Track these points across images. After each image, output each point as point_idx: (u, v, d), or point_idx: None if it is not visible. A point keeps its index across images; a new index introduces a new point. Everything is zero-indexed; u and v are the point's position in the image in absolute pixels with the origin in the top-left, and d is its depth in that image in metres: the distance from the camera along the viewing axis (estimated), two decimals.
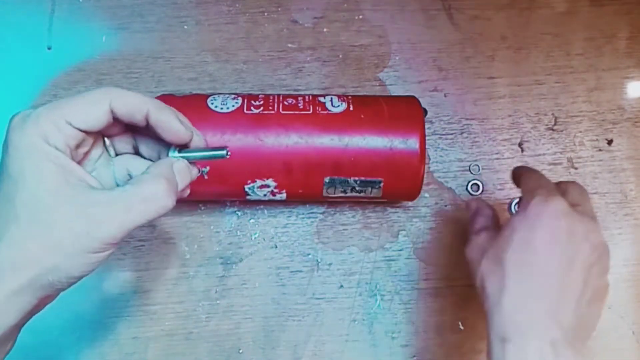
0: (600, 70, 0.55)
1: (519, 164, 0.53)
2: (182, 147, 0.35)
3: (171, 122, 0.33)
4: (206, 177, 0.44)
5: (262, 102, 0.46)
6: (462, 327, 0.51)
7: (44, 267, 0.29)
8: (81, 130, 0.31)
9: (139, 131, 0.35)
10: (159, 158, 0.36)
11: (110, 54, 0.54)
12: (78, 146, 0.32)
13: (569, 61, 0.55)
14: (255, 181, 0.45)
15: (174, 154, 0.34)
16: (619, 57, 0.56)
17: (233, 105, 0.45)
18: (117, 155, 0.36)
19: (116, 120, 0.33)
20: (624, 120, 0.55)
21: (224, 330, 0.50)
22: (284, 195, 0.46)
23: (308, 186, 0.45)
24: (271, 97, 0.46)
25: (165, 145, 0.35)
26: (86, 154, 0.34)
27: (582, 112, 0.55)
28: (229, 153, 0.35)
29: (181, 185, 0.34)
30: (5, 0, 0.54)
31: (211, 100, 0.46)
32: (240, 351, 0.50)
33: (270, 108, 0.45)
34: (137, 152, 0.37)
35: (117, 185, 0.35)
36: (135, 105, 0.32)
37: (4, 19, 0.54)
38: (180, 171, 0.34)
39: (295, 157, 0.44)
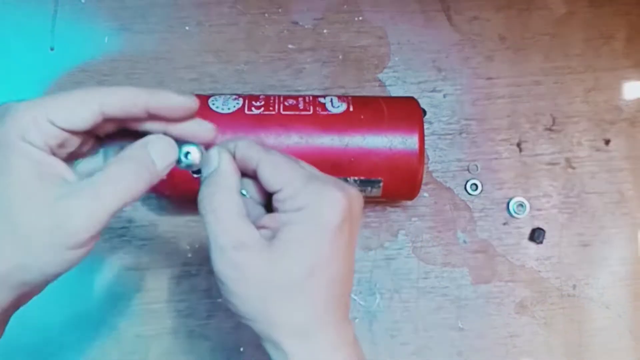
0: (599, 71, 0.56)
1: (518, 164, 0.54)
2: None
3: (170, 99, 0.31)
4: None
5: (262, 103, 0.46)
6: (461, 326, 0.52)
7: (13, 265, 0.28)
8: (65, 130, 0.29)
9: (134, 126, 0.32)
10: None
11: (112, 55, 0.54)
12: (61, 145, 0.29)
13: (568, 62, 0.56)
14: None
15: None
16: (617, 58, 0.56)
17: (234, 106, 0.46)
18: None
19: (109, 119, 0.30)
20: (622, 121, 0.55)
21: (225, 329, 0.51)
22: None
23: None
24: (272, 98, 0.47)
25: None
26: (72, 154, 0.31)
27: (580, 112, 0.55)
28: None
29: (161, 164, 0.31)
30: (8, 1, 0.54)
31: (212, 100, 0.46)
32: (242, 349, 0.50)
33: (271, 109, 0.46)
34: None
35: None
36: (129, 98, 0.30)
37: (6, 20, 0.54)
38: (159, 150, 0.31)
39: (295, 157, 0.44)
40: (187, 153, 0.32)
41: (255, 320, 0.31)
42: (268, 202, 0.34)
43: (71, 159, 0.31)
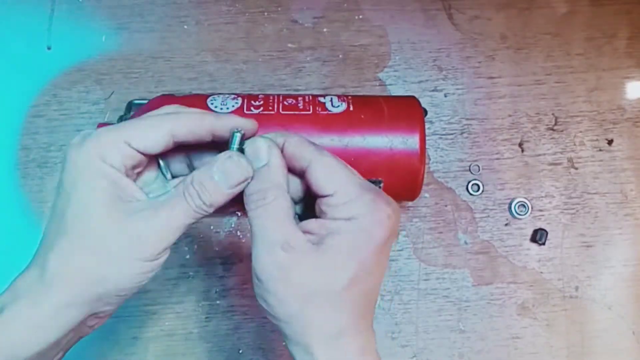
0: (601, 70, 0.55)
1: (519, 164, 0.54)
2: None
3: (236, 121, 0.33)
4: None
5: (262, 102, 0.45)
6: (462, 328, 0.51)
7: (93, 279, 0.30)
8: (139, 152, 0.31)
9: (192, 147, 0.34)
10: None
11: (110, 54, 0.54)
12: (134, 167, 0.32)
13: (569, 61, 0.55)
14: None
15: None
16: (619, 57, 0.56)
17: (233, 106, 0.45)
18: (172, 177, 0.35)
19: (178, 142, 0.32)
20: (624, 120, 0.55)
21: (223, 331, 0.50)
22: None
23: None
24: (271, 97, 0.46)
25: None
26: (139, 174, 0.33)
27: (582, 112, 0.55)
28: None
29: (231, 182, 0.32)
30: (5, 0, 0.54)
31: (211, 100, 0.46)
32: (240, 351, 0.50)
33: (270, 108, 0.45)
34: (192, 169, 0.35)
35: None
36: (197, 124, 0.32)
37: (3, 19, 0.54)
38: (225, 170, 0.32)
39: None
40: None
41: (288, 322, 0.31)
42: (307, 203, 0.34)
43: (137, 181, 0.33)
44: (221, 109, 0.45)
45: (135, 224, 0.30)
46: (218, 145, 0.33)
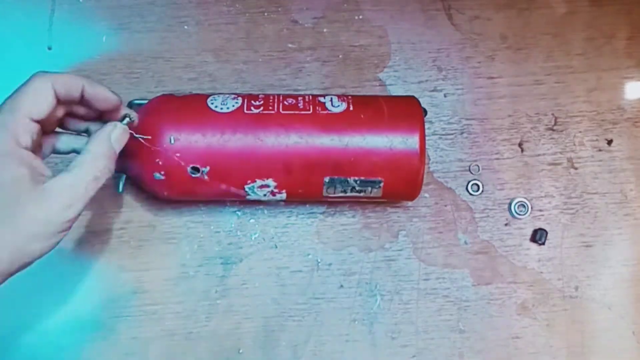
0: (600, 71, 0.55)
1: (519, 164, 0.54)
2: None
3: (105, 92, 0.40)
4: (206, 177, 0.44)
5: (262, 102, 0.46)
6: (462, 328, 0.51)
7: (10, 251, 0.34)
8: (38, 122, 0.36)
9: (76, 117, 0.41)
10: (85, 131, 0.42)
11: (110, 54, 0.54)
12: (36, 142, 0.36)
13: (569, 61, 0.55)
14: (255, 181, 0.45)
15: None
16: (619, 57, 0.56)
17: (233, 105, 0.45)
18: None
19: (59, 103, 0.38)
20: (624, 121, 0.55)
21: (224, 330, 0.50)
22: (283, 195, 0.46)
23: (308, 186, 0.46)
24: (271, 97, 0.46)
25: (92, 118, 0.42)
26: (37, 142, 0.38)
27: (582, 112, 0.55)
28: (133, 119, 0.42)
29: (118, 149, 0.39)
30: (5, 0, 0.54)
31: (211, 100, 0.46)
32: (241, 351, 0.50)
33: (270, 108, 0.45)
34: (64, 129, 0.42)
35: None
36: (73, 83, 0.38)
37: (4, 19, 0.54)
38: (118, 138, 0.39)
39: (295, 157, 0.44)
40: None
41: None
42: None
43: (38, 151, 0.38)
44: (221, 108, 0.45)
45: (49, 202, 0.35)
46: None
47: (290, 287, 0.51)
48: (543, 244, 0.52)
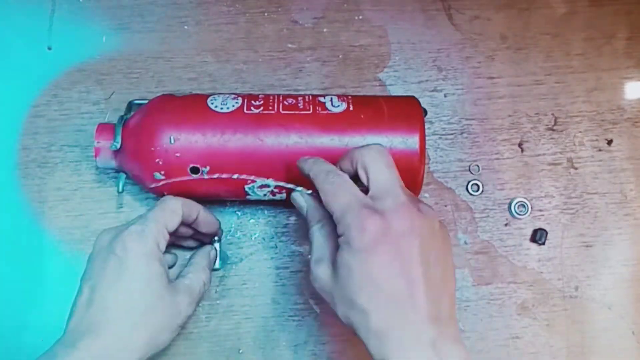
0: (600, 71, 0.55)
1: (519, 164, 0.54)
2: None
3: (214, 219, 0.48)
4: (206, 177, 0.44)
5: (262, 102, 0.46)
6: (462, 328, 0.51)
7: (145, 342, 0.40)
8: (170, 233, 0.43)
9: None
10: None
11: (110, 54, 0.54)
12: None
13: (569, 61, 0.55)
14: (255, 181, 0.45)
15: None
16: (618, 57, 0.56)
17: (233, 105, 0.45)
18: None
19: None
20: (624, 121, 0.55)
21: (224, 330, 0.50)
22: (284, 195, 0.46)
23: (308, 186, 0.45)
24: (271, 97, 0.46)
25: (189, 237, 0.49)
26: None
27: (581, 112, 0.55)
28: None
29: (215, 263, 0.49)
30: (6, 0, 0.54)
31: (211, 100, 0.46)
32: (241, 351, 0.50)
33: (270, 108, 0.45)
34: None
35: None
36: (193, 207, 0.45)
37: (4, 19, 0.54)
38: (213, 258, 0.49)
39: (295, 157, 0.44)
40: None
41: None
42: None
43: None
44: (221, 108, 0.45)
45: (175, 303, 0.42)
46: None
47: (290, 287, 0.51)
48: (543, 244, 0.52)
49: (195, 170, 0.44)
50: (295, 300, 0.51)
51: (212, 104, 0.45)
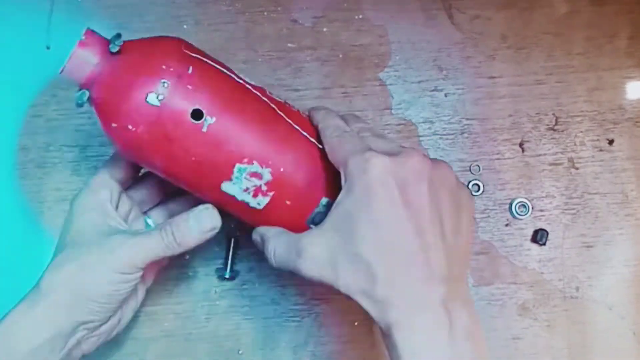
0: (601, 70, 0.55)
1: (520, 164, 0.53)
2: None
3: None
4: (205, 129, 0.36)
5: None
6: None
7: (75, 286, 0.37)
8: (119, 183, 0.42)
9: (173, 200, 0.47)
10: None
11: None
12: (119, 204, 0.42)
13: (570, 61, 0.55)
14: (253, 163, 0.37)
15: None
16: (620, 57, 0.55)
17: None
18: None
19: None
20: (625, 120, 0.54)
21: (223, 331, 0.50)
22: (266, 201, 0.39)
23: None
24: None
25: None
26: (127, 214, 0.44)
27: (583, 112, 0.54)
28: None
29: (202, 228, 0.40)
30: (4, 0, 0.54)
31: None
32: (240, 352, 0.50)
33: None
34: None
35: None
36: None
37: (2, 19, 0.53)
38: (200, 218, 0.40)
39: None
40: None
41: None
42: None
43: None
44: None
45: (113, 241, 0.38)
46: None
47: (290, 287, 0.51)
48: (544, 244, 0.52)
49: (197, 116, 0.36)
50: (295, 301, 0.51)
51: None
